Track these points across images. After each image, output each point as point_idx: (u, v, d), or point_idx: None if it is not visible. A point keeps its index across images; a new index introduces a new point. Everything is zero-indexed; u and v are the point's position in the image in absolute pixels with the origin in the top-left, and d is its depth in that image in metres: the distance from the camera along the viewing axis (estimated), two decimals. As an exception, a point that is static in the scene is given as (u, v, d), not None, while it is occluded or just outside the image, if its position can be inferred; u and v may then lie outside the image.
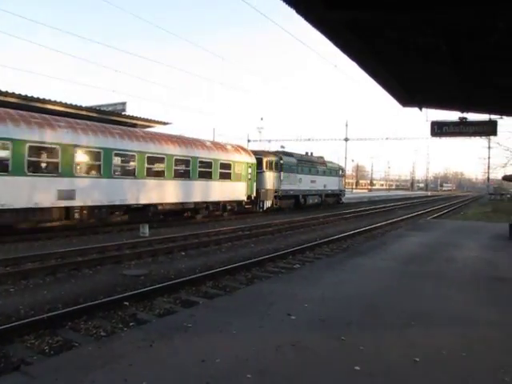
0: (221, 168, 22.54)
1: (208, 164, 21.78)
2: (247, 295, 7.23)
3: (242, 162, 24.25)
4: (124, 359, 4.63)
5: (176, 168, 19.86)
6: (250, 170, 24.78)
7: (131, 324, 7.00)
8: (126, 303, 7.88)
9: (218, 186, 22.48)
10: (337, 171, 38.23)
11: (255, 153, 26.82)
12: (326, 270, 9.19)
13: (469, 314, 6.41)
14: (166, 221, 20.19)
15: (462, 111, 14.12)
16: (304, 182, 31.76)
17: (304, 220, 23.31)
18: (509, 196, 57.55)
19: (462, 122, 14.06)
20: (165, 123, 24.99)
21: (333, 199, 37.46)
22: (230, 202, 23.60)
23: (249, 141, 68.50)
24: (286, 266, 11.65)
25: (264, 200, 26.87)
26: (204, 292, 8.94)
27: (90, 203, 16.07)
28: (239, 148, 25.22)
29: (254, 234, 17.21)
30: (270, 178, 27.44)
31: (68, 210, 15.60)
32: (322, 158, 37.26)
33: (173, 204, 19.87)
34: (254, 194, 25.45)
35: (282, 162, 28.75)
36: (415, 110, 14.20)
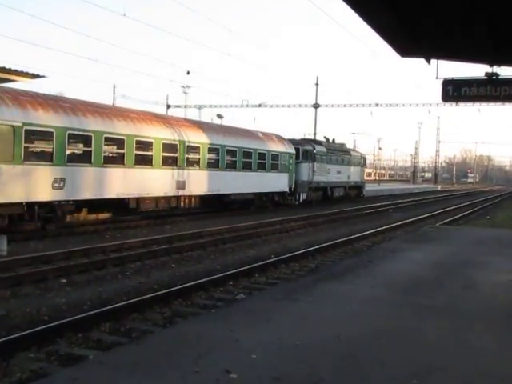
0: (272, 159, 34.06)
1: (263, 155, 33.28)
2: (164, 343, 7.16)
3: (285, 152, 35.85)
4: None
5: (244, 160, 31.27)
6: (291, 161, 36.23)
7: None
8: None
9: (270, 178, 33.93)
10: (359, 160, 50.02)
11: (292, 142, 37.80)
12: (285, 302, 9.27)
13: (499, 371, 6.50)
14: (231, 210, 31.12)
15: (491, 64, 14.38)
16: (332, 173, 42.52)
17: (256, 226, 23.68)
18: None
19: (491, 79, 14.32)
20: (34, 75, 24.30)
21: (355, 192, 48.67)
22: (278, 194, 35.41)
23: (168, 106, 67.90)
24: (223, 296, 11.73)
25: (301, 192, 37.70)
26: (96, 340, 8.79)
27: (194, 193, 27.08)
28: (282, 138, 37.13)
29: (176, 249, 17.32)
30: (305, 169, 38.22)
31: (178, 199, 26.13)
32: (344, 145, 49.50)
33: (239, 194, 31.03)
34: (293, 185, 36.54)
35: (315, 151, 39.72)
36: (420, 62, 14.48)
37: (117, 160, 22.82)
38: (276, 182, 34.78)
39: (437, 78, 14.63)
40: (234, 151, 30.54)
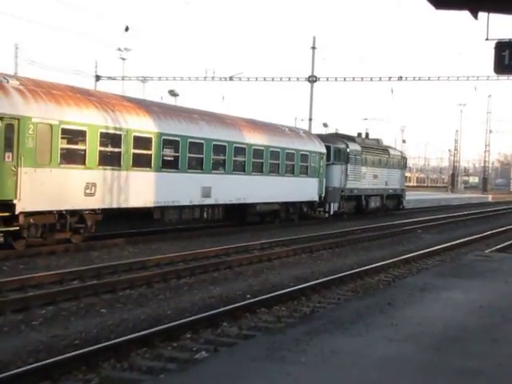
0: (300, 161, 39.25)
1: (291, 156, 38.47)
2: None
3: (315, 152, 41.08)
4: None
5: (271, 161, 36.49)
6: (321, 163, 41.63)
7: None
8: None
9: (299, 184, 39.01)
10: (399, 161, 55.58)
11: (321, 139, 43.56)
12: (266, 364, 9.24)
13: None
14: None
15: None
16: (367, 178, 47.89)
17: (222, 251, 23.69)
18: None
19: None
20: None
21: (393, 202, 53.88)
22: (306, 204, 40.59)
23: (98, 78, 67.71)
24: (177, 355, 11.65)
25: (331, 202, 42.66)
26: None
27: (219, 202, 32.16)
28: (310, 134, 44.20)
29: (108, 286, 17.14)
30: (337, 173, 43.46)
31: (202, 209, 31.56)
32: (380, 141, 54.93)
33: (265, 204, 35.96)
34: (324, 193, 41.64)
35: (348, 150, 44.88)
36: (462, 17, 14.49)
37: (144, 162, 27.61)
38: (305, 189, 39.84)
39: (487, 39, 14.66)
40: (261, 151, 35.74)
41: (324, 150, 42.13)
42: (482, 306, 13.78)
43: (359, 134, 51.79)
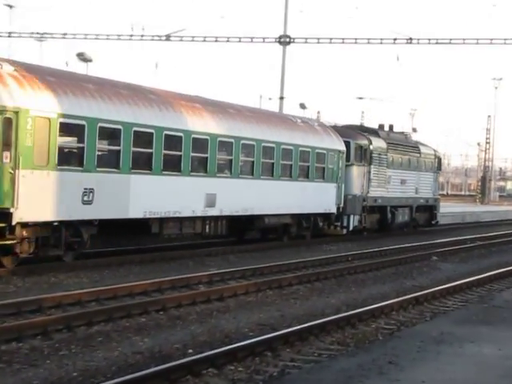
0: (316, 161, 42.85)
1: (306, 155, 42.18)
2: None
3: (334, 149, 44.87)
4: None
5: (282, 162, 39.98)
6: (340, 164, 45.14)
7: None
8: None
9: (315, 190, 42.85)
10: (431, 162, 60.34)
11: (338, 133, 46.37)
12: None
13: None
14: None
15: None
16: (393, 184, 51.80)
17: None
18: None
19: None
20: None
21: (424, 215, 58.87)
22: (322, 216, 44.43)
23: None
24: None
25: (351, 214, 46.57)
26: None
27: (224, 213, 36.30)
28: (325, 127, 46.79)
29: None
30: (359, 177, 47.44)
31: (203, 221, 35.39)
32: (408, 135, 61.58)
33: (275, 216, 40.14)
34: (342, 203, 45.20)
35: (371, 147, 48.55)
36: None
37: (144, 163, 31.60)
38: (321, 198, 43.69)
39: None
40: (271, 149, 39.36)
41: (343, 148, 45.21)
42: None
43: (381, 126, 54.41)
